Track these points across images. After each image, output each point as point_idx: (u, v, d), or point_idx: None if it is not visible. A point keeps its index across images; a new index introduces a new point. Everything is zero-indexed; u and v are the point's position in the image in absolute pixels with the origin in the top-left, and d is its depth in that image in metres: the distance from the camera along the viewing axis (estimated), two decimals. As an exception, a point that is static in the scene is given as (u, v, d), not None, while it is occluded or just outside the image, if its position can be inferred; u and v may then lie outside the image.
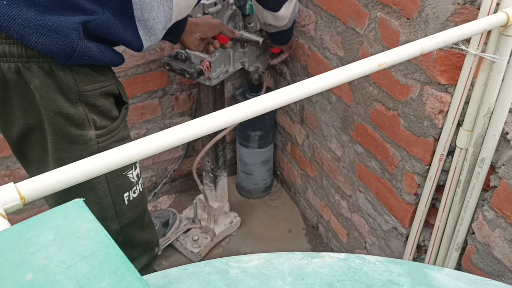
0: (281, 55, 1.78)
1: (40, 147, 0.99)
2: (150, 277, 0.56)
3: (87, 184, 0.93)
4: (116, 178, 1.05)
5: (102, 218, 1.08)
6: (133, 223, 1.14)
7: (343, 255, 0.59)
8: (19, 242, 0.44)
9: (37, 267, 0.42)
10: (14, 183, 0.58)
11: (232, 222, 2.00)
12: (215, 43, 1.34)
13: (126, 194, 1.08)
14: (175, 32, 1.21)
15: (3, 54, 0.87)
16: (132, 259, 1.19)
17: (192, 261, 1.89)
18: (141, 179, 1.14)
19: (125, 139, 1.06)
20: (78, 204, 0.48)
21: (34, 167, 1.05)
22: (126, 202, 1.09)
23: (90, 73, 0.95)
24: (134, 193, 1.11)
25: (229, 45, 1.44)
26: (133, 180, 1.09)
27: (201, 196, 1.96)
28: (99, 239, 0.44)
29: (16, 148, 1.02)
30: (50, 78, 0.91)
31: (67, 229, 0.45)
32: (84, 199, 1.04)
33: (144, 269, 1.25)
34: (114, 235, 1.11)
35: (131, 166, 1.06)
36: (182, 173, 2.17)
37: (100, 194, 1.05)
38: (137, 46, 1.03)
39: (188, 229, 1.94)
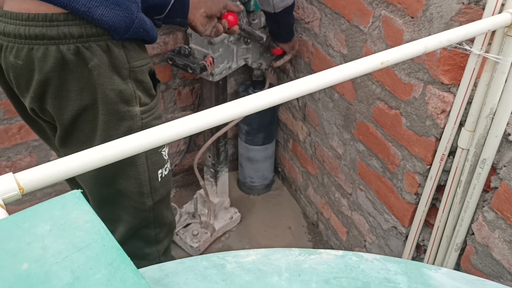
0: (284, 56, 1.77)
1: (89, 128, 1.02)
2: (146, 270, 0.56)
3: (129, 159, 0.99)
4: (154, 155, 1.10)
5: (140, 194, 1.12)
6: (163, 200, 1.19)
7: (340, 252, 0.59)
8: (15, 232, 0.44)
9: (33, 257, 0.42)
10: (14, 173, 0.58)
11: (232, 218, 2.00)
12: (223, 22, 1.34)
13: (160, 171, 1.13)
14: (181, 12, 1.21)
15: (62, 36, 0.90)
16: (159, 241, 1.24)
17: (191, 256, 1.89)
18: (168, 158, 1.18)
19: (160, 117, 1.11)
20: (75, 196, 0.48)
21: (74, 149, 1.05)
22: (159, 179, 1.13)
23: (137, 49, 1.00)
24: (166, 170, 1.15)
25: (237, 29, 1.41)
26: (165, 157, 1.14)
27: (201, 191, 1.96)
28: (95, 231, 0.44)
29: (66, 130, 1.04)
30: (107, 56, 0.95)
31: (64, 220, 0.45)
32: (124, 173, 1.07)
33: (166, 252, 1.29)
34: (148, 212, 1.16)
35: (164, 144, 1.11)
36: (183, 167, 2.17)
37: (139, 170, 1.09)
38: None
39: (188, 224, 1.94)
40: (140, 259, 1.23)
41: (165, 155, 1.15)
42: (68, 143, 1.06)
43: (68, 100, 0.97)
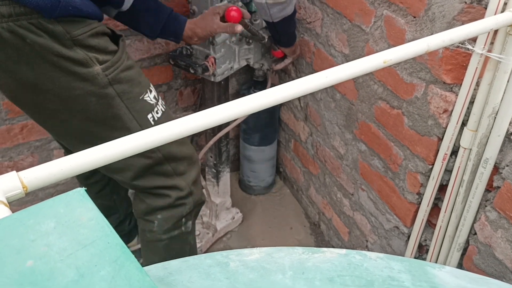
0: (285, 60, 1.76)
1: (53, 101, 1.07)
2: (150, 268, 0.56)
3: (111, 114, 1.10)
4: (135, 104, 1.14)
5: None
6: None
7: (344, 251, 0.59)
8: (20, 229, 0.44)
9: (38, 254, 0.42)
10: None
11: (234, 218, 2.00)
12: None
13: (149, 116, 1.17)
14: (174, 34, 1.35)
15: None
16: (182, 173, 1.28)
17: (193, 256, 1.89)
18: (160, 100, 1.22)
19: (131, 67, 1.14)
20: (79, 193, 0.48)
21: (51, 121, 1.16)
22: (153, 123, 1.18)
23: (77, 20, 1.03)
24: (157, 113, 1.19)
25: (240, 28, 1.42)
26: (151, 102, 1.18)
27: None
28: (99, 228, 0.44)
29: (32, 105, 1.10)
30: (43, 31, 0.98)
31: (68, 217, 0.45)
32: (113, 128, 1.13)
33: (196, 183, 1.31)
34: (154, 153, 1.20)
35: (145, 90, 1.17)
36: (185, 168, 2.17)
37: (125, 120, 1.13)
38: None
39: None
40: (169, 189, 1.26)
41: (151, 99, 1.18)
42: (43, 120, 1.15)
43: (16, 74, 1.03)
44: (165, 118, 1.20)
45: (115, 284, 0.40)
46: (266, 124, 1.98)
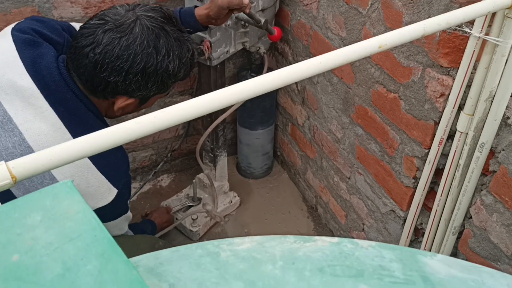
0: None
1: None
2: (141, 258, 0.56)
3: None
4: None
5: None
6: None
7: (336, 239, 0.59)
8: (6, 222, 0.44)
9: (24, 248, 0.42)
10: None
11: (231, 202, 2.00)
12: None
13: None
14: (192, 26, 1.36)
15: None
16: None
17: (191, 240, 1.90)
18: None
19: None
20: (67, 186, 0.47)
21: None
22: None
23: None
24: None
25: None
26: None
27: (200, 176, 1.96)
28: (87, 221, 0.44)
29: None
30: None
31: (55, 210, 0.45)
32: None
33: None
34: None
35: None
36: (182, 152, 2.17)
37: None
38: None
39: (189, 206, 1.94)
40: None
41: None
42: None
43: None
44: None
45: (102, 278, 0.40)
46: (263, 108, 1.97)
